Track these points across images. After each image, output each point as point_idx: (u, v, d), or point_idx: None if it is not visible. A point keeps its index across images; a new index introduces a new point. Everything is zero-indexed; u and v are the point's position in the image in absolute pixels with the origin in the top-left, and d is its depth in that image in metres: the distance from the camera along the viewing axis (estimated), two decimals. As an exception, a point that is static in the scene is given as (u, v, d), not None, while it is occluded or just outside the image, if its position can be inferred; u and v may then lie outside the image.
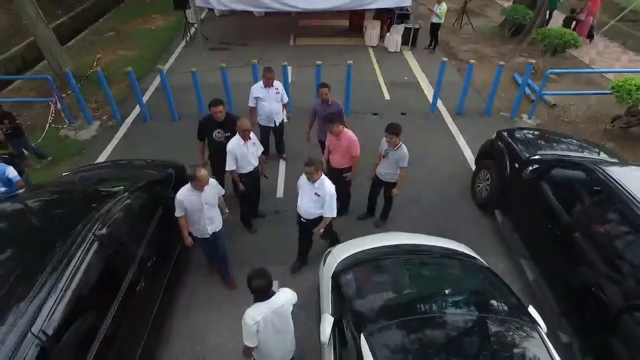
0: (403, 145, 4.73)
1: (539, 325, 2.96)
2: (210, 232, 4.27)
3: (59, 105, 7.68)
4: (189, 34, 11.72)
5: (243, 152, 4.76)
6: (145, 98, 8.47)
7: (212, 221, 4.24)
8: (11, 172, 4.85)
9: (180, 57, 10.91)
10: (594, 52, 11.70)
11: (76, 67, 9.26)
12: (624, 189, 3.69)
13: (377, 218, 5.66)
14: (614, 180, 3.81)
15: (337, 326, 3.10)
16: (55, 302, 2.73)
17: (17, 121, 6.53)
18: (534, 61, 7.77)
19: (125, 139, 7.54)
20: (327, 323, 3.06)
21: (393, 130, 4.61)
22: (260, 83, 5.93)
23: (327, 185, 4.11)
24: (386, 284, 3.37)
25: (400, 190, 5.07)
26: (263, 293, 2.89)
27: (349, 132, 4.92)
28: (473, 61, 7.82)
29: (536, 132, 6.00)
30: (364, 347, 2.65)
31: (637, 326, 3.17)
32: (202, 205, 4.02)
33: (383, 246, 3.88)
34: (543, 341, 2.82)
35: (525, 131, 5.80)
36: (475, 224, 5.64)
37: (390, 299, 3.20)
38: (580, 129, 7.94)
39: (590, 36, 12.00)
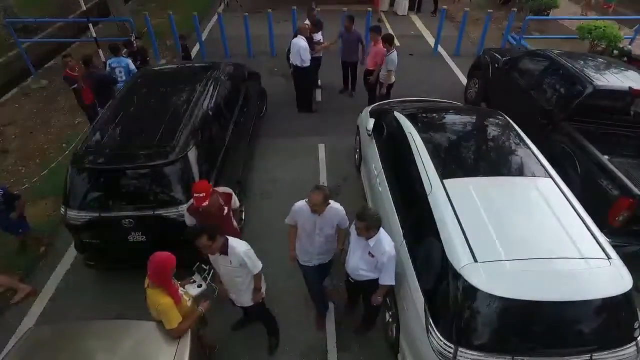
0: (394, 51, 6.63)
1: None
2: (316, 264, 3.67)
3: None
4: (226, 1, 13.62)
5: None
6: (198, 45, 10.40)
7: (322, 252, 3.58)
8: (131, 64, 6.98)
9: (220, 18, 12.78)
10: (574, 18, 13.62)
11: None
12: (563, 59, 5.71)
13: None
14: (556, 55, 5.85)
15: (375, 127, 5.04)
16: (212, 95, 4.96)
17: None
18: (515, 9, 9.68)
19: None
20: (371, 121, 5.05)
21: (376, 30, 6.79)
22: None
23: (386, 245, 3.20)
24: (404, 105, 5.37)
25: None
26: None
27: (379, 46, 6.80)
28: (467, 9, 9.75)
29: (508, 48, 8.35)
30: (398, 115, 4.61)
31: (561, 127, 5.18)
32: (314, 230, 3.40)
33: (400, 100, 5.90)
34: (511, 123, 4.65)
35: (502, 48, 7.94)
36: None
37: (407, 107, 5.17)
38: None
39: None
